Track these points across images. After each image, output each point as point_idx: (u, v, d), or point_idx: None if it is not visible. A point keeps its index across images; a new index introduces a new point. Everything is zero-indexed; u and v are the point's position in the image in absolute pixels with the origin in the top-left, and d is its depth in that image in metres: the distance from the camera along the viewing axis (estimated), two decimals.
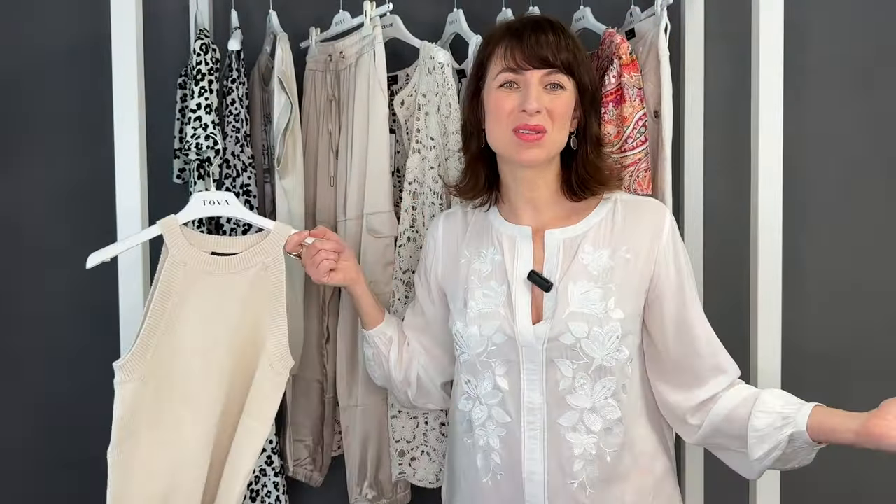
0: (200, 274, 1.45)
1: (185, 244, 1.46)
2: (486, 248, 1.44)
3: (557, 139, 1.37)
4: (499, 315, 1.38)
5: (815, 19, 1.96)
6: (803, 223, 1.95)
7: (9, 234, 1.98)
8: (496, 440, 1.39)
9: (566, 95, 1.37)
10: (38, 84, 1.96)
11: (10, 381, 2.00)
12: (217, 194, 1.50)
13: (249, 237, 1.51)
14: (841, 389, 2.01)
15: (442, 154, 1.65)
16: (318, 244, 1.49)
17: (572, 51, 1.37)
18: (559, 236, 1.40)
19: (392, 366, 1.55)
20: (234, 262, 1.47)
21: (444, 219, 1.53)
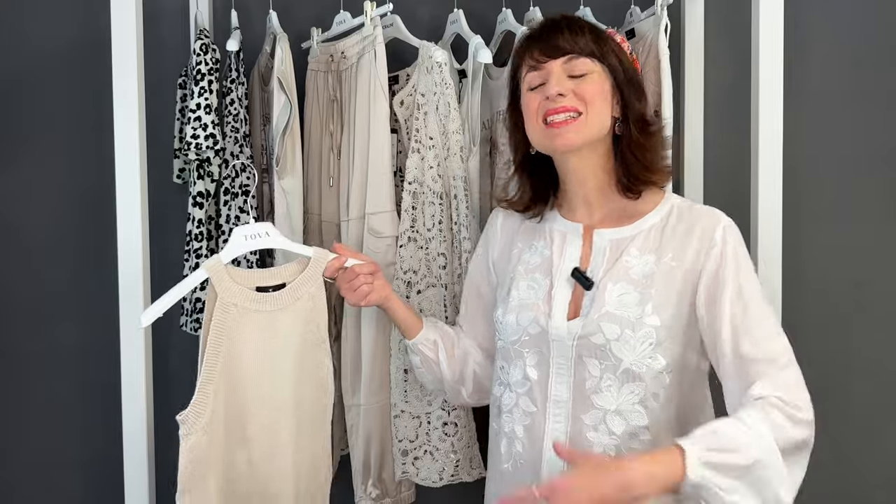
0: (250, 313, 1.43)
1: (231, 284, 1.43)
2: (538, 240, 1.46)
3: (595, 121, 1.36)
4: (537, 307, 1.39)
5: (815, 19, 1.96)
6: (803, 223, 1.95)
7: (9, 234, 1.98)
8: (520, 428, 1.39)
9: (594, 77, 1.37)
10: (38, 84, 1.96)
11: (9, 382, 2.00)
12: (257, 227, 1.48)
13: (289, 266, 1.49)
14: (841, 390, 2.01)
15: (441, 153, 1.65)
16: (357, 268, 1.49)
17: (591, 36, 1.38)
18: (608, 236, 1.40)
19: (444, 368, 1.55)
20: (282, 297, 1.45)
21: (502, 212, 1.55)
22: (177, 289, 1.45)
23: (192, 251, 1.69)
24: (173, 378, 1.96)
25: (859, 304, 2.00)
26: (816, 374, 1.98)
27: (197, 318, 1.68)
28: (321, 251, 1.50)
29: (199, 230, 1.70)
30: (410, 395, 1.67)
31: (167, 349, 1.95)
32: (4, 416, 2.00)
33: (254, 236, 1.47)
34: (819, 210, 1.99)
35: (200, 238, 1.69)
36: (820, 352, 2.00)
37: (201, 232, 1.70)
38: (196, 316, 1.68)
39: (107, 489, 1.95)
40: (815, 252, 1.99)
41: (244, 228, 1.47)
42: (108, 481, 1.91)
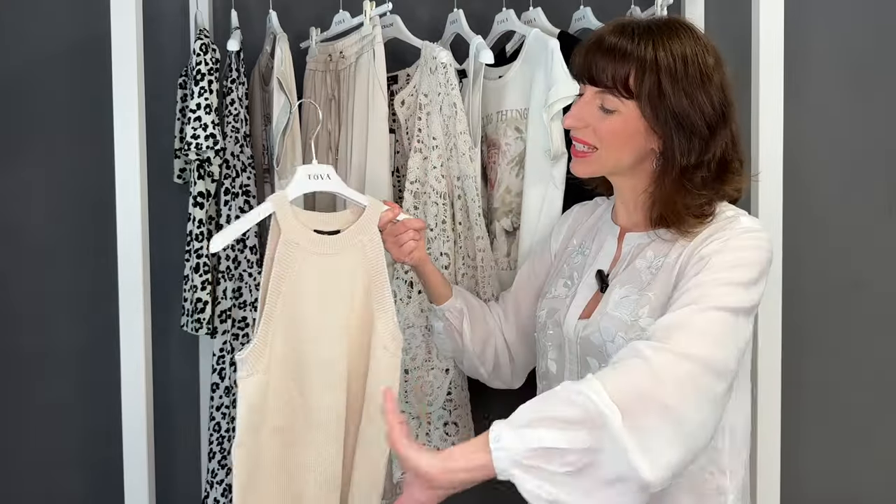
0: (311, 255, 1.40)
1: (295, 222, 1.40)
2: (588, 241, 1.46)
3: (609, 159, 1.32)
4: (562, 304, 1.40)
5: (815, 19, 1.96)
6: (803, 223, 1.95)
7: (9, 234, 1.98)
8: None
9: (616, 118, 1.29)
10: (38, 84, 1.96)
11: (10, 381, 2.00)
12: (320, 168, 1.45)
13: (345, 213, 1.47)
14: (841, 389, 2.01)
15: (445, 154, 1.65)
16: (408, 222, 1.48)
17: (637, 65, 1.25)
18: (634, 241, 1.37)
19: (467, 339, 1.55)
20: (338, 241, 1.43)
21: (580, 205, 1.55)
22: (245, 219, 1.42)
23: (193, 251, 1.70)
24: (173, 378, 1.96)
25: (859, 305, 2.00)
26: (816, 374, 2.00)
27: (198, 318, 1.68)
28: (375, 201, 1.48)
29: (200, 230, 1.70)
30: (410, 396, 1.67)
31: (167, 349, 1.95)
32: (4, 416, 2.00)
33: (317, 177, 1.45)
34: (819, 210, 1.99)
35: (201, 238, 1.69)
36: (820, 352, 2.00)
37: (202, 232, 1.70)
38: (197, 316, 1.68)
39: (107, 489, 1.95)
40: (815, 252, 1.99)
41: (308, 167, 1.45)
42: (108, 481, 1.91)
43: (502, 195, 1.72)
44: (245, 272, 1.73)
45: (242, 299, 1.73)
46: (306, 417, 1.41)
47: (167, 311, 1.91)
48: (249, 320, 1.74)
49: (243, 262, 1.73)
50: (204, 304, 1.68)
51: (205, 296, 1.68)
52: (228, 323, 1.72)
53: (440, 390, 1.68)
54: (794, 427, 1.93)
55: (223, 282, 1.70)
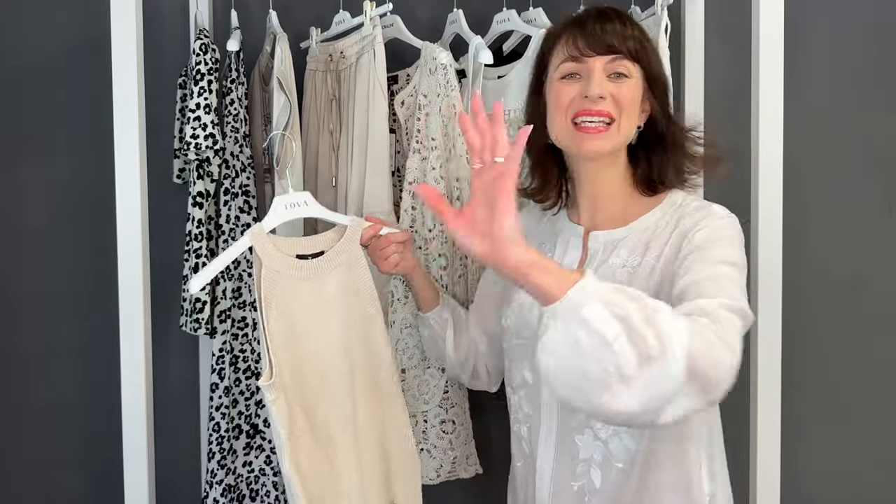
0: (295, 281, 1.43)
1: (275, 252, 1.42)
2: (547, 243, 1.44)
3: (625, 130, 1.32)
4: (532, 311, 1.37)
5: (815, 19, 1.96)
6: (803, 222, 1.95)
7: (9, 234, 1.98)
8: (525, 429, 1.40)
9: (632, 83, 1.32)
10: (38, 84, 1.96)
11: (10, 381, 2.00)
12: (297, 196, 1.47)
13: (327, 234, 1.50)
14: (841, 389, 2.01)
15: (444, 155, 1.65)
16: (391, 236, 1.50)
17: (639, 39, 1.32)
18: (601, 239, 1.37)
19: (449, 346, 1.57)
20: (321, 264, 1.45)
21: (526, 209, 1.53)
22: (224, 256, 1.44)
23: (192, 251, 1.70)
24: (173, 378, 1.96)
25: (859, 305, 2.00)
26: (816, 374, 2.00)
27: (197, 318, 1.68)
28: (357, 220, 1.51)
29: (199, 230, 1.70)
30: (407, 395, 1.66)
31: (167, 349, 1.95)
32: (4, 416, 2.00)
33: (293, 205, 1.47)
34: (819, 210, 1.99)
35: (200, 238, 1.69)
36: (820, 352, 2.00)
37: (201, 232, 1.70)
38: (196, 316, 1.68)
39: (107, 489, 1.95)
40: (815, 252, 1.99)
41: (284, 197, 1.47)
42: (108, 481, 1.91)
43: None
44: (245, 272, 1.73)
45: (242, 299, 1.73)
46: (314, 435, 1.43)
47: (167, 311, 1.91)
48: (249, 320, 1.74)
49: (243, 261, 1.73)
50: (203, 304, 1.68)
51: (203, 296, 1.68)
52: (228, 323, 1.72)
53: (437, 389, 1.68)
54: (794, 427, 1.92)
55: (223, 282, 1.70)
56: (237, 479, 1.76)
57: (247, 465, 1.77)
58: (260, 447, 1.77)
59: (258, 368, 1.75)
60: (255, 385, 1.75)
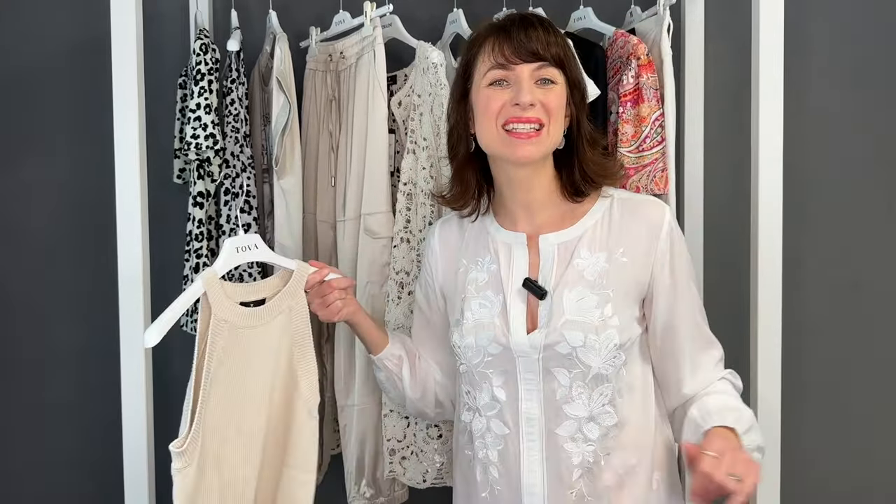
0: (238, 329, 1.37)
1: (224, 299, 1.36)
2: (483, 256, 1.41)
3: (554, 135, 1.34)
4: (494, 325, 1.35)
5: (815, 20, 1.96)
6: (803, 223, 1.95)
7: (9, 234, 1.98)
8: (494, 453, 1.36)
9: (558, 89, 1.33)
10: (38, 84, 1.96)
11: (10, 382, 2.00)
12: (246, 238, 1.43)
13: (270, 280, 1.45)
14: (841, 389, 2.01)
15: (434, 154, 1.65)
16: (334, 282, 1.46)
17: (562, 46, 1.34)
18: (554, 241, 1.36)
19: (406, 385, 1.52)
20: (264, 312, 1.41)
21: (440, 226, 1.51)
22: (177, 304, 1.36)
23: (193, 251, 1.70)
24: (173, 378, 1.96)
25: (859, 305, 2.00)
26: (816, 374, 2.00)
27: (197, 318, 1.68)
28: (302, 264, 1.46)
29: (200, 230, 1.70)
30: None
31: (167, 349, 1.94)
32: (4, 416, 2.00)
33: (244, 248, 1.43)
34: (819, 210, 1.99)
35: (201, 238, 1.70)
36: (819, 352, 2.00)
37: (201, 232, 1.70)
38: (196, 316, 1.68)
39: (107, 489, 1.95)
40: (815, 252, 1.99)
41: (235, 240, 1.42)
42: (108, 481, 1.91)
43: None
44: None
45: None
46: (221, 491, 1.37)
47: None
48: None
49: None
50: None
51: None
52: None
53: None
54: (794, 427, 1.92)
55: None
56: None
57: None
58: None
59: None
60: None
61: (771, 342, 1.56)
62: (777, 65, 1.55)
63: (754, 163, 1.56)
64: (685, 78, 1.84)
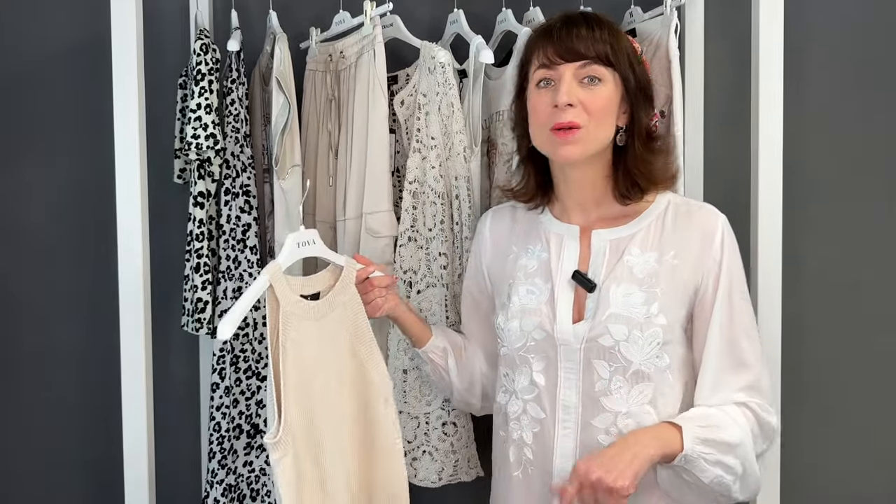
0: (304, 321, 1.39)
1: (289, 292, 1.38)
2: (534, 244, 1.44)
3: (596, 135, 1.34)
4: (540, 312, 1.38)
5: (815, 19, 1.96)
6: (803, 223, 1.95)
7: (9, 234, 1.98)
8: (529, 435, 1.38)
9: (605, 88, 1.34)
10: (38, 84, 1.96)
11: (10, 381, 2.00)
12: (306, 234, 1.46)
13: (322, 275, 1.47)
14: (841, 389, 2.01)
15: (443, 154, 1.65)
16: (376, 280, 1.48)
17: (609, 42, 1.34)
18: (606, 237, 1.38)
19: (453, 375, 1.56)
20: (323, 306, 1.43)
21: (492, 215, 1.54)
22: (246, 297, 1.36)
23: (193, 251, 1.70)
24: (173, 378, 1.96)
25: (859, 305, 2.00)
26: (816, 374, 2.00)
27: (198, 318, 1.68)
28: (350, 261, 1.49)
29: (200, 230, 1.70)
30: (409, 396, 1.67)
31: (167, 349, 1.95)
32: (4, 416, 2.00)
33: (304, 244, 1.46)
34: (819, 210, 1.99)
35: (201, 238, 1.70)
36: (819, 351, 2.00)
37: (202, 232, 1.70)
38: (197, 316, 1.68)
39: (107, 489, 1.95)
40: (815, 252, 1.99)
41: (296, 236, 1.45)
42: (108, 481, 1.91)
43: (499, 195, 1.72)
44: (245, 272, 1.73)
45: None
46: (322, 484, 1.39)
47: (167, 311, 1.91)
48: (250, 320, 1.74)
49: (244, 262, 1.73)
50: (204, 304, 1.68)
51: (205, 296, 1.68)
52: None
53: (438, 390, 1.68)
54: (793, 427, 1.92)
55: (224, 282, 1.71)
56: (238, 479, 1.76)
57: (247, 464, 1.77)
58: (261, 447, 1.77)
59: (258, 368, 1.75)
60: (256, 384, 1.75)
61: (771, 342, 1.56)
62: (777, 65, 1.55)
63: (754, 163, 1.56)
64: (685, 78, 1.83)
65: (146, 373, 1.56)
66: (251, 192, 1.73)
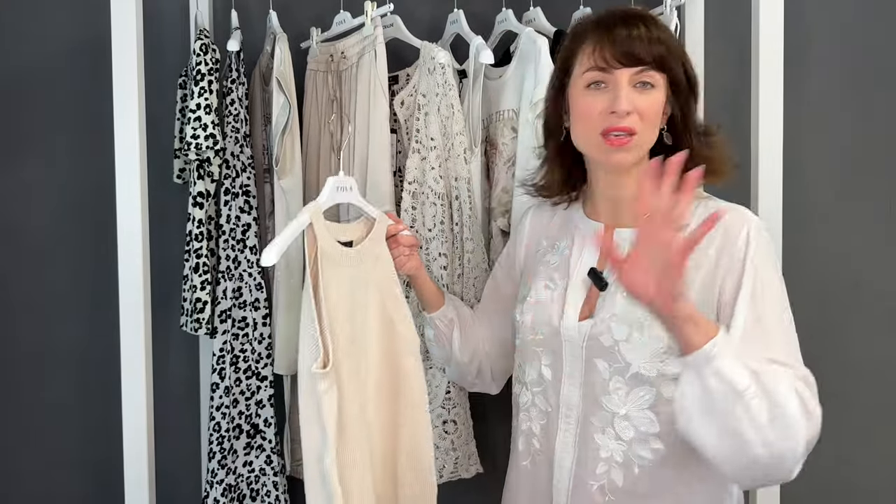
0: (338, 266, 1.44)
1: (327, 234, 1.45)
2: (562, 240, 1.44)
3: (647, 140, 1.32)
4: (551, 307, 1.38)
5: (815, 19, 1.96)
6: (803, 222, 1.95)
7: (9, 234, 1.98)
8: (537, 426, 1.39)
9: (656, 94, 1.31)
10: (38, 84, 1.96)
11: (10, 381, 2.00)
12: (345, 180, 1.52)
13: (355, 224, 1.53)
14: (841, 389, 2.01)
15: (443, 154, 1.65)
16: (402, 239, 1.53)
17: (665, 43, 1.30)
18: (627, 236, 1.34)
19: (455, 347, 1.58)
20: (356, 254, 1.48)
21: (534, 209, 1.55)
22: (288, 230, 1.43)
23: (193, 251, 1.70)
24: (173, 378, 1.96)
25: (859, 305, 2.00)
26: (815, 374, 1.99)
27: (197, 318, 1.68)
28: (382, 214, 1.54)
29: (200, 230, 1.70)
30: None
31: (167, 349, 1.95)
32: (4, 416, 2.00)
33: (343, 188, 1.52)
34: (819, 210, 1.99)
35: (201, 238, 1.70)
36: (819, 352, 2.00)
37: (202, 232, 1.70)
38: (196, 316, 1.68)
39: (107, 489, 1.95)
40: (815, 252, 1.99)
41: (336, 179, 1.51)
42: (108, 481, 1.92)
43: (499, 195, 1.72)
44: (245, 272, 1.73)
45: (242, 299, 1.73)
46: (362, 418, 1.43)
47: (167, 311, 1.91)
48: (249, 320, 1.74)
49: (243, 262, 1.73)
50: (203, 303, 1.68)
51: (204, 296, 1.68)
52: (228, 323, 1.72)
53: (439, 389, 1.68)
54: None
55: (223, 282, 1.71)
56: (237, 479, 1.76)
57: (247, 464, 1.77)
58: (260, 447, 1.77)
59: (258, 368, 1.75)
60: (256, 384, 1.75)
61: None
62: (777, 65, 1.55)
63: (754, 163, 1.56)
64: None
65: (146, 373, 1.56)
66: (251, 192, 1.73)
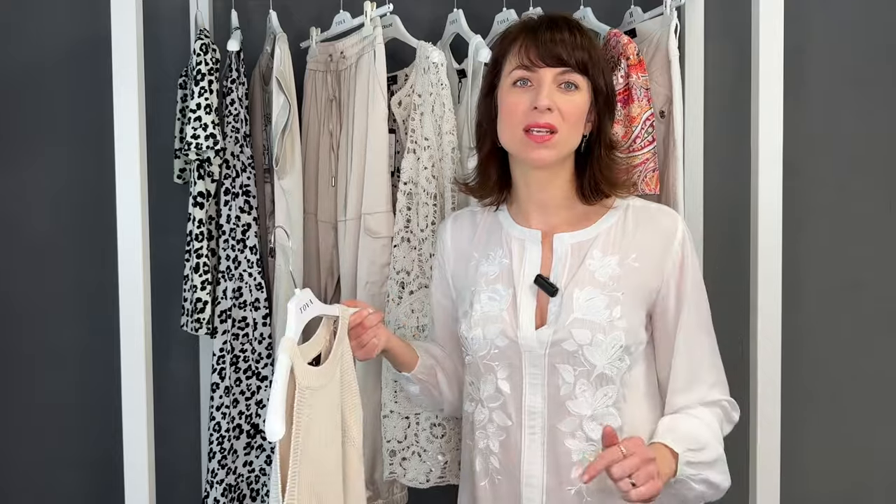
0: (315, 392, 1.30)
1: (304, 366, 1.29)
2: (495, 250, 1.43)
3: (569, 140, 1.35)
4: (502, 318, 1.37)
5: (815, 18, 1.96)
6: (803, 223, 1.95)
7: (9, 234, 1.98)
8: (496, 443, 1.38)
9: (579, 96, 1.35)
10: (38, 84, 1.96)
11: (10, 382, 2.00)
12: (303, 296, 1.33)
13: (320, 333, 1.39)
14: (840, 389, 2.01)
15: (436, 154, 1.65)
16: (366, 322, 1.41)
17: (588, 50, 1.35)
18: (568, 241, 1.38)
19: (444, 388, 1.53)
20: (329, 368, 1.36)
21: (452, 221, 1.53)
22: (278, 387, 1.22)
23: (193, 251, 1.70)
24: (173, 378, 1.96)
25: (859, 305, 2.00)
26: (816, 374, 2.00)
27: (197, 318, 1.68)
28: (344, 308, 1.42)
29: (200, 230, 1.70)
30: (400, 396, 1.66)
31: (167, 349, 1.95)
32: (4, 416, 2.00)
33: (305, 306, 1.33)
34: (819, 210, 1.99)
35: (201, 238, 1.70)
36: (819, 352, 2.00)
37: (202, 232, 1.70)
38: (196, 316, 1.68)
39: (107, 489, 1.95)
40: (815, 252, 1.99)
41: (295, 301, 1.31)
42: (108, 481, 1.92)
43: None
44: (245, 272, 1.73)
45: (243, 299, 1.73)
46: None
47: (167, 311, 1.91)
48: (249, 320, 1.74)
49: (243, 262, 1.73)
50: (204, 303, 1.68)
51: (204, 296, 1.68)
52: (228, 323, 1.72)
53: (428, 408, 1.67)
54: (794, 427, 1.92)
55: (223, 282, 1.71)
56: (238, 479, 1.76)
57: (247, 464, 1.77)
58: (260, 447, 1.77)
59: (258, 368, 1.75)
60: (256, 384, 1.75)
61: (771, 341, 1.56)
62: (777, 65, 1.55)
63: (754, 163, 1.56)
64: (685, 78, 1.83)
65: (146, 373, 1.56)
66: (251, 192, 1.73)
